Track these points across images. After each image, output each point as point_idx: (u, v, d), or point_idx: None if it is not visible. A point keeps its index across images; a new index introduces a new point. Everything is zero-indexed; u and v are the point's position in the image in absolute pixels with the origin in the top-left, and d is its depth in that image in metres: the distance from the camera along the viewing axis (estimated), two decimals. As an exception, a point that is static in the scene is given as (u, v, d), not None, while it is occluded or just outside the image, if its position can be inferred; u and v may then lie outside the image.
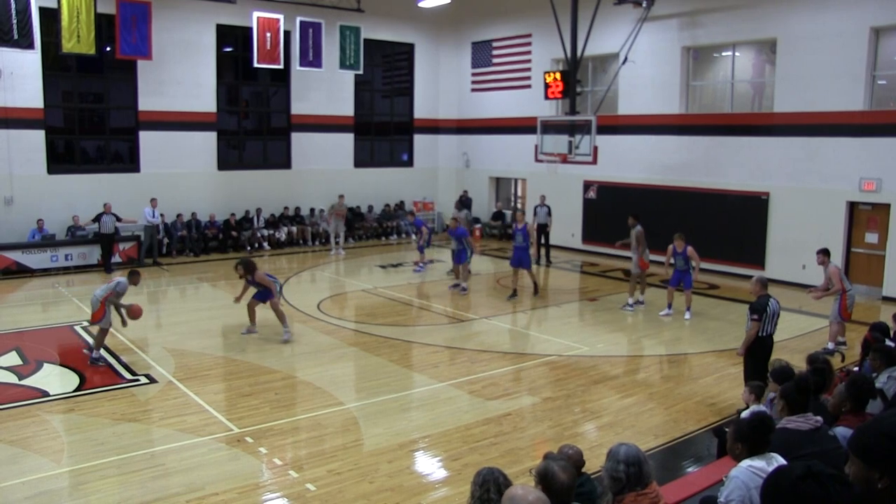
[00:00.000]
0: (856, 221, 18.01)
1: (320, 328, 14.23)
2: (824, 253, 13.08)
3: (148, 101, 22.12)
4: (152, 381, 10.99)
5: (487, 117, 27.33)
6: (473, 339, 13.83)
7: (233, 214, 23.38)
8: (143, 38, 20.30)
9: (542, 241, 21.77)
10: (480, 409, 10.01)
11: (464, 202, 25.75)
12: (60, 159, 21.67)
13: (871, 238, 17.77)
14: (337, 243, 23.01)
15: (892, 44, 17.66)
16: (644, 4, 20.63)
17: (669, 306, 15.39)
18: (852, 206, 17.98)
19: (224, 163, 23.85)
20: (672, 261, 15.13)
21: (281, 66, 22.84)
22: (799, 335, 13.78)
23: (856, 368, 8.68)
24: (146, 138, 22.25)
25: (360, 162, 26.91)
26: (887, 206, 17.30)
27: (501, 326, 14.86)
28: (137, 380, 11.04)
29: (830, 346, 12.84)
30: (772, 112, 19.28)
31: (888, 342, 8.36)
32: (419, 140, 28.67)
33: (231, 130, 24.68)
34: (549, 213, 21.97)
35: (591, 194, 23.63)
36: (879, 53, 17.59)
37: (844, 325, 12.99)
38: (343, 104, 26.09)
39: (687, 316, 15.13)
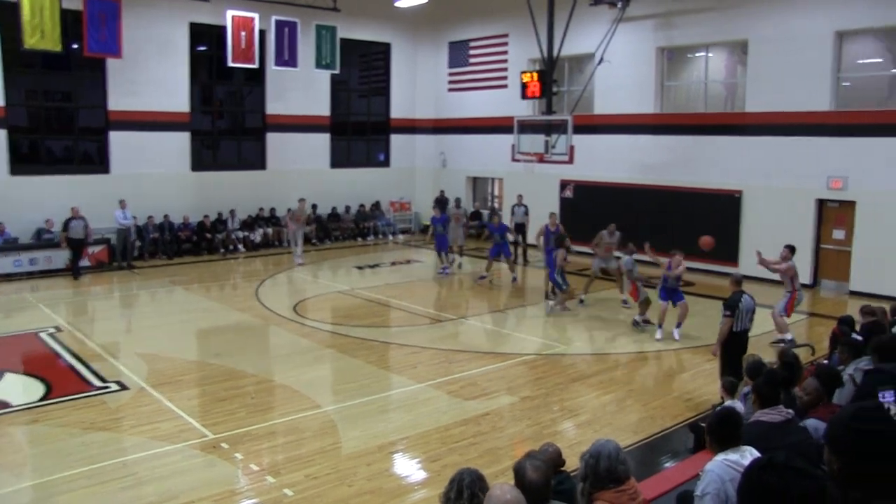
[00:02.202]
0: (824, 218, 18.33)
1: (297, 330, 14.18)
2: (790, 249, 13.40)
3: (119, 101, 21.83)
4: (123, 387, 10.79)
5: (464, 117, 27.39)
6: (452, 338, 13.86)
7: (206, 216, 23.24)
8: (113, 35, 19.99)
9: (520, 240, 21.88)
10: (459, 409, 10.05)
11: (441, 202, 25.80)
12: (25, 160, 21.17)
13: (839, 234, 18.11)
14: (289, 252, 22.01)
15: (855, 47, 18.07)
16: (619, 5, 20.81)
17: (660, 326, 13.75)
18: (821, 204, 18.29)
19: (198, 163, 23.69)
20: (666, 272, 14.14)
21: (256, 66, 22.72)
22: (772, 330, 13.95)
23: (825, 362, 8.82)
24: (117, 138, 21.96)
25: (336, 162, 26.86)
26: (853, 204, 17.64)
27: (479, 326, 14.90)
28: (108, 387, 10.83)
29: (789, 336, 13.12)
30: (744, 112, 19.53)
31: (855, 335, 8.52)
32: (396, 140, 28.66)
33: (205, 130, 24.52)
34: (527, 213, 22.07)
35: (568, 193, 23.76)
36: (843, 56, 18.00)
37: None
38: (319, 104, 26.04)
39: (676, 336, 13.63)
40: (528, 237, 21.81)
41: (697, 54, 21.44)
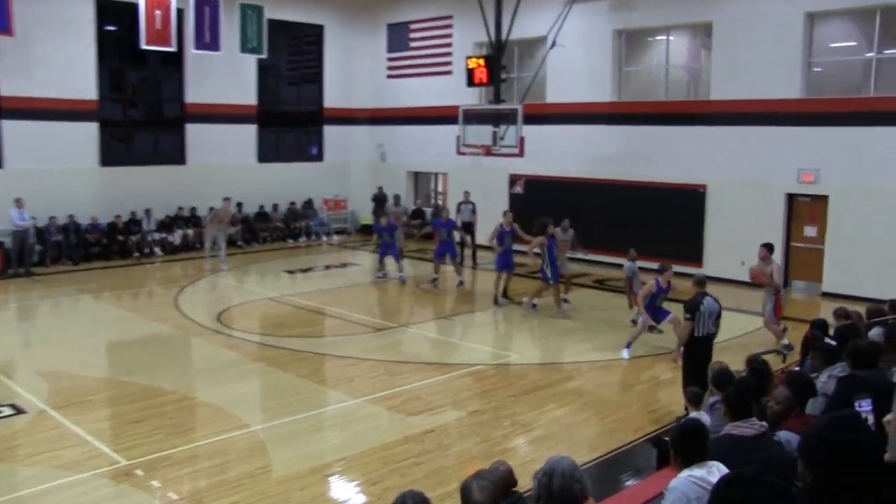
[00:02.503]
0: (795, 214, 18.70)
1: (221, 342, 14.00)
2: (767, 248, 13.60)
3: (11, 85, 21.06)
4: (20, 411, 10.41)
5: (405, 106, 27.34)
6: (393, 349, 13.83)
7: (118, 216, 22.79)
8: (2, 10, 19.41)
9: (468, 241, 21.90)
10: (401, 426, 10.00)
11: (379, 199, 25.71)
12: None
13: (811, 232, 18.49)
14: (216, 256, 21.33)
15: (827, 30, 18.46)
16: (573, -16, 20.99)
17: (629, 346, 13.43)
18: (791, 199, 18.66)
19: (108, 158, 23.20)
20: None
21: (173, 49, 22.31)
22: (740, 335, 14.17)
23: (797, 368, 8.97)
24: (10, 128, 21.23)
25: (264, 156, 26.60)
26: (825, 198, 18.01)
27: (423, 335, 14.88)
28: (0, 411, 10.47)
29: (786, 341, 13.37)
30: (708, 100, 19.85)
31: (828, 340, 8.66)
32: (330, 132, 28.48)
33: (116, 121, 24.06)
34: (474, 211, 22.11)
35: (518, 189, 23.86)
36: (815, 40, 18.36)
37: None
38: (245, 92, 25.74)
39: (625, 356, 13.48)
40: (478, 237, 21.85)
41: (658, 38, 21.73)
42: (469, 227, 21.94)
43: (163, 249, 23.19)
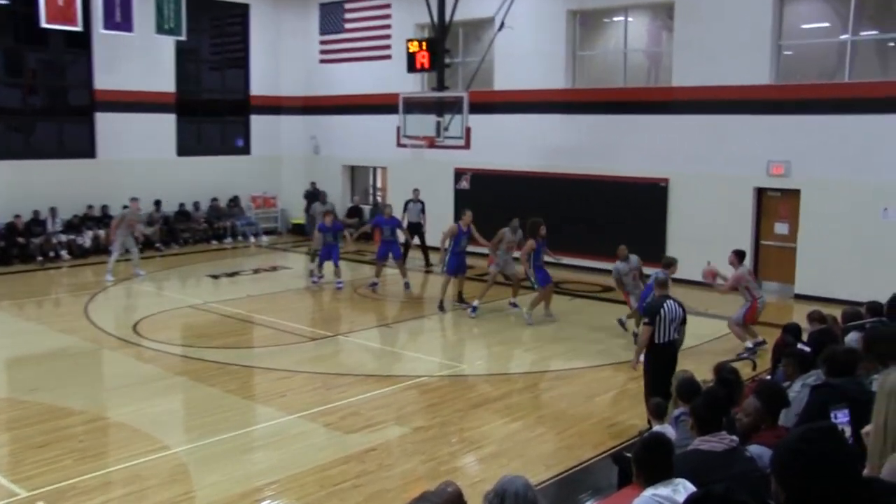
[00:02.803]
0: (764, 210, 19.00)
1: (138, 355, 13.82)
2: (737, 255, 13.93)
3: None
4: None
5: (340, 94, 27.24)
6: (330, 360, 13.79)
7: (18, 216, 22.39)
8: None
9: (416, 242, 21.89)
10: (339, 444, 9.96)
11: (312, 196, 25.56)
12: None
13: (782, 229, 18.78)
14: (128, 259, 20.70)
15: (798, 9, 18.75)
16: (522, -40, 21.08)
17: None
18: (760, 193, 18.97)
19: (5, 150, 22.79)
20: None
21: (79, 29, 21.89)
22: (706, 341, 14.35)
23: (768, 377, 9.09)
24: None
25: (184, 149, 26.29)
26: (797, 193, 18.31)
27: (363, 344, 14.84)
28: None
29: (750, 344, 13.62)
30: (670, 86, 20.07)
31: (802, 346, 8.74)
32: (257, 122, 28.27)
33: (13, 109, 23.66)
34: (423, 211, 22.10)
35: (464, 184, 23.92)
36: (785, 21, 18.62)
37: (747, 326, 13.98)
38: (162, 78, 25.42)
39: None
40: (427, 238, 21.83)
41: (615, 19, 21.94)
42: (417, 229, 21.89)
43: (70, 253, 22.80)
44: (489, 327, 15.97)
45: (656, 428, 7.87)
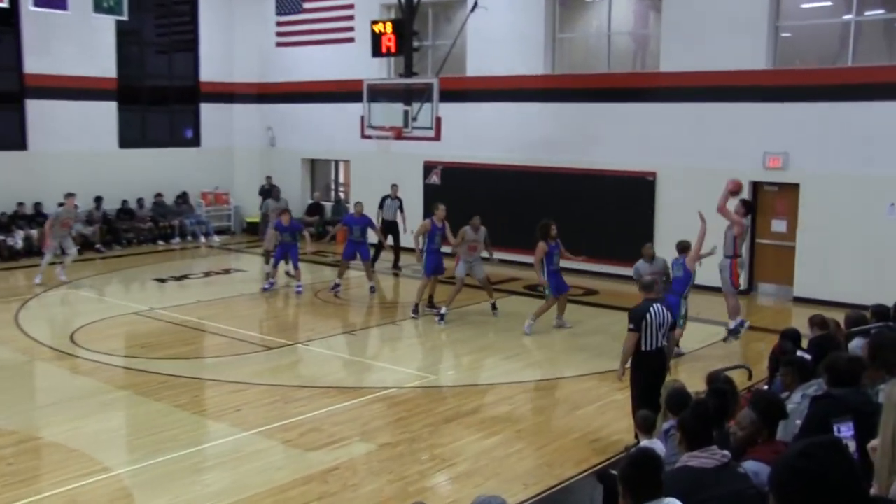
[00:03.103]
0: (761, 206, 19.06)
1: (76, 367, 13.74)
2: (745, 206, 14.41)
3: None
4: None
5: (298, 81, 27.15)
6: (288, 371, 13.77)
7: (-57, 215, 22.19)
8: None
9: (391, 242, 21.84)
10: (299, 463, 9.95)
11: (268, 192, 25.47)
12: None
13: (779, 226, 18.91)
14: (61, 263, 20.33)
15: (798, -13, 18.86)
16: (497, -66, 21.10)
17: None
18: (756, 188, 19.06)
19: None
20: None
21: (4, 5, 21.69)
22: (698, 348, 14.48)
23: (765, 387, 9.13)
24: None
25: (126, 140, 26.13)
26: (796, 187, 18.43)
27: (325, 353, 14.83)
28: None
29: (732, 325, 13.77)
30: (657, 72, 20.17)
31: (801, 353, 8.78)
32: (208, 111, 28.14)
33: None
34: (401, 208, 22.05)
35: (435, 179, 23.91)
36: (783, 0, 18.72)
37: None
38: (101, 62, 25.24)
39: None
40: (401, 238, 21.80)
41: None
42: (393, 228, 21.87)
43: None
44: (463, 334, 15.96)
45: (644, 443, 7.89)
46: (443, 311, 16.56)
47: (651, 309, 10.09)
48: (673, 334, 10.50)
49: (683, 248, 13.64)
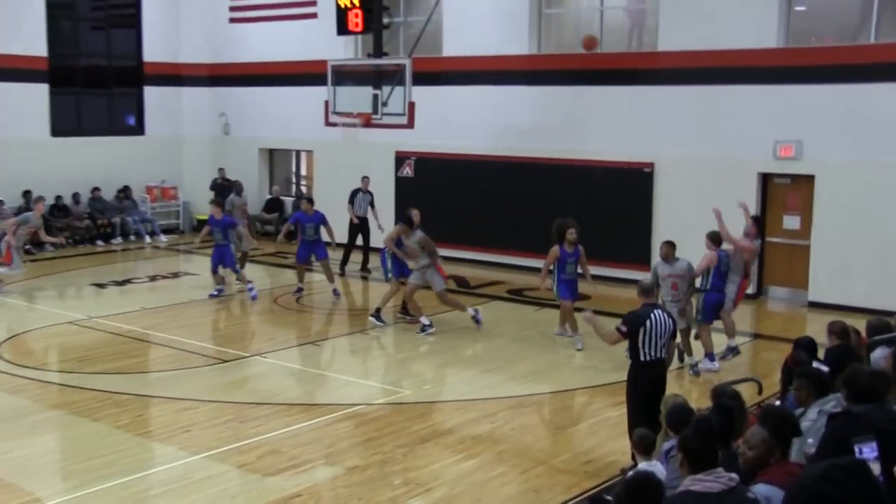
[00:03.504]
0: (771, 200, 19.16)
1: (2, 384, 13.61)
2: (756, 223, 14.58)
3: None
4: None
5: (255, 61, 27.08)
6: (244, 386, 13.74)
7: None
8: None
9: (361, 241, 21.86)
10: (257, 489, 9.92)
11: (221, 188, 25.40)
12: None
13: (792, 223, 18.94)
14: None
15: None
16: None
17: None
18: (766, 180, 19.13)
19: None
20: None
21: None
22: (703, 358, 14.46)
23: (776, 403, 9.15)
24: None
25: (60, 128, 26.07)
26: (811, 179, 18.44)
27: (285, 366, 14.81)
28: None
29: (733, 343, 14.17)
30: (655, 52, 20.20)
31: (818, 364, 8.76)
32: (152, 95, 28.03)
33: None
34: (373, 203, 22.07)
35: (407, 171, 23.87)
36: (797, -31, 18.84)
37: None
38: (28, 39, 25.11)
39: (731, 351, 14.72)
40: (373, 236, 21.78)
41: (588, -29, 22.05)
42: (365, 225, 21.90)
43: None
44: (439, 345, 15.94)
45: (642, 465, 7.89)
46: (425, 321, 16.47)
47: (652, 315, 10.09)
48: (674, 343, 10.51)
49: (718, 239, 13.83)
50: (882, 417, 6.04)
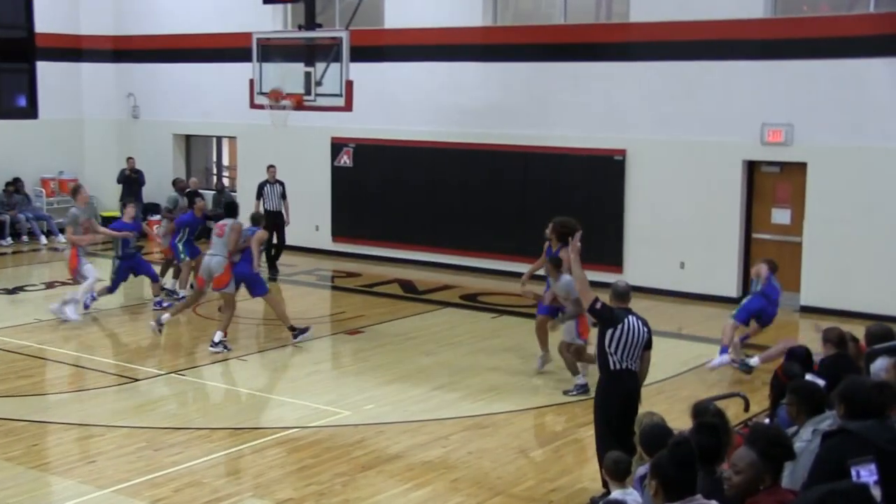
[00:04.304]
0: (758, 191, 19.35)
1: None
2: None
3: None
4: None
5: (167, 33, 26.98)
6: (158, 408, 13.66)
7: None
8: None
9: (273, 239, 21.74)
10: (173, 528, 9.87)
11: (130, 180, 25.25)
12: None
13: (781, 217, 19.14)
14: None
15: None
16: None
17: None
18: (752, 168, 19.32)
19: None
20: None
21: None
22: (681, 371, 14.63)
23: (765, 420, 9.23)
24: None
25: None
26: (802, 167, 18.60)
27: (206, 384, 14.84)
28: None
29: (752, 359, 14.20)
30: (626, 23, 20.34)
31: (812, 377, 8.84)
32: (47, 72, 27.80)
33: None
34: (284, 195, 22.11)
35: (346, 161, 23.86)
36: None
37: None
38: None
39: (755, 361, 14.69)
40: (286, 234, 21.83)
41: (549, -69, 22.15)
42: (278, 219, 21.92)
43: None
44: (384, 358, 15.98)
45: (615, 494, 7.96)
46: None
47: (627, 319, 10.11)
48: (648, 354, 10.56)
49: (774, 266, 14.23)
50: (883, 436, 6.04)
